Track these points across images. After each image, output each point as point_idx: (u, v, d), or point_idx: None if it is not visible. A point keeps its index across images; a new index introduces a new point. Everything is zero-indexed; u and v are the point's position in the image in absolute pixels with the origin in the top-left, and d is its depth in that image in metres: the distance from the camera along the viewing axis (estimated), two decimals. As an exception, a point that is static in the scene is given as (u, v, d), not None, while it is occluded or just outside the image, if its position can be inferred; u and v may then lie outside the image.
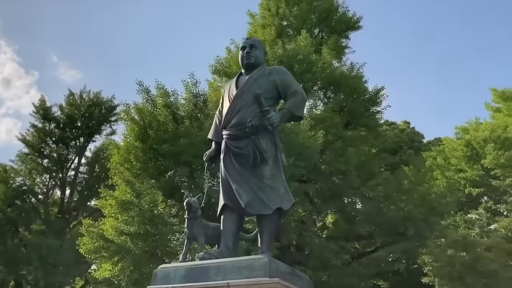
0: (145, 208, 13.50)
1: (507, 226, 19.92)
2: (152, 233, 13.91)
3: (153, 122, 14.82)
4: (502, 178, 21.69)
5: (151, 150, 14.85)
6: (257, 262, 5.29)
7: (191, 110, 15.54)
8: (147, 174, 14.58)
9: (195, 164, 14.26)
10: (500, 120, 24.50)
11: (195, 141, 14.24)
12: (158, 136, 14.49)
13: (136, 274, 14.11)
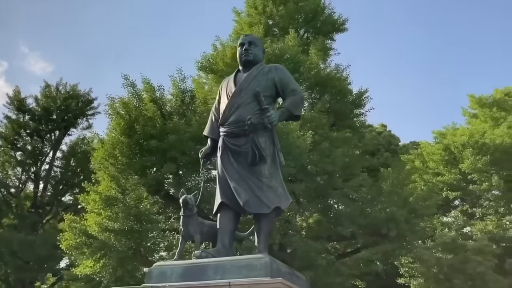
0: (130, 204, 13.25)
1: (483, 229, 20.46)
2: (136, 230, 13.67)
3: (140, 117, 14.56)
4: (479, 182, 22.25)
5: (137, 146, 14.61)
6: (258, 262, 5.23)
7: (179, 106, 15.33)
8: (132, 169, 14.33)
9: (182, 160, 14.11)
10: (476, 126, 25.08)
11: (183, 137, 14.10)
12: (146, 132, 14.26)
13: (119, 271, 13.85)
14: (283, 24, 21.55)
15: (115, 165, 14.41)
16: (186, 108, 15.43)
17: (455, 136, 23.48)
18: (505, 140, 22.08)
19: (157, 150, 14.30)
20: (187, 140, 14.02)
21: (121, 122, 14.70)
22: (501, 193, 21.76)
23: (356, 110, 20.12)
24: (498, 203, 21.58)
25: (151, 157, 14.32)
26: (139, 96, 15.86)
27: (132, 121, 14.65)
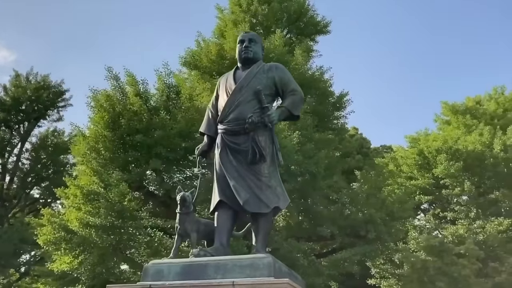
0: (114, 200, 12.94)
1: (454, 233, 21.03)
2: (118, 226, 13.38)
3: (125, 111, 14.25)
4: (451, 187, 22.86)
5: (121, 140, 14.30)
6: (261, 261, 5.17)
7: (164, 101, 15.10)
8: (115, 164, 14.01)
9: (169, 157, 13.91)
10: (448, 132, 25.72)
11: (170, 133, 13.90)
12: (131, 126, 13.97)
13: (99, 268, 13.53)
14: (266, 24, 21.54)
15: (97, 160, 14.05)
16: (171, 104, 15.20)
17: (428, 142, 24.06)
18: (477, 147, 22.75)
19: (142, 145, 14.05)
20: (174, 136, 13.83)
21: (105, 116, 14.35)
22: (472, 199, 22.41)
23: (336, 113, 20.34)
24: (469, 208, 22.22)
25: (136, 153, 14.04)
26: (122, 89, 15.55)
27: (117, 115, 14.33)
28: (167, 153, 13.83)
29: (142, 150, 14.03)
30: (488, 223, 20.50)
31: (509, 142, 22.69)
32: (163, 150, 13.72)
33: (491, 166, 22.36)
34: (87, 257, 13.57)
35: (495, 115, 25.67)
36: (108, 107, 14.61)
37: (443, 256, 13.46)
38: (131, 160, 14.11)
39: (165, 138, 13.72)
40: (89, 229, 13.19)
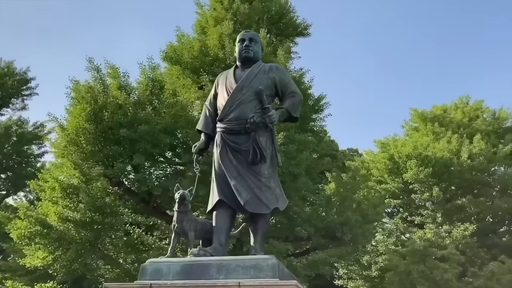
0: (96, 195, 12.57)
1: (422, 237, 21.68)
2: (98, 222, 13.02)
3: (108, 104, 13.86)
4: (420, 192, 23.54)
5: (103, 134, 13.90)
6: (265, 263, 5.15)
7: (148, 95, 14.78)
8: (97, 158, 13.61)
9: (153, 153, 13.65)
10: (416, 138, 26.41)
11: (155, 129, 13.63)
12: (115, 120, 13.59)
13: (76, 264, 13.13)
14: (248, 22, 21.46)
15: (78, 153, 13.61)
16: (155, 99, 14.91)
17: (397, 147, 24.70)
18: (445, 154, 23.50)
19: (125, 140, 13.70)
20: (158, 132, 13.57)
21: (86, 108, 13.91)
22: (439, 204, 23.13)
23: (314, 115, 20.50)
24: (436, 213, 22.93)
25: (118, 147, 13.68)
26: (103, 81, 15.12)
27: (99, 107, 13.92)
28: (151, 149, 13.54)
29: (125, 144, 13.68)
30: (455, 228, 21.23)
31: (475, 150, 23.54)
32: (148, 145, 13.42)
33: (458, 173, 23.17)
34: (63, 252, 13.13)
35: (461, 124, 26.57)
36: (90, 99, 14.16)
37: (426, 260, 13.85)
38: (112, 154, 13.73)
39: (150, 134, 13.43)
40: (68, 224, 12.77)
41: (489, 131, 25.61)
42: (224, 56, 17.60)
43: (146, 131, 13.27)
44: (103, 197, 12.67)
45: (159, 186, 13.72)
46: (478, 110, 28.02)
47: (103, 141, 13.95)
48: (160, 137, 13.68)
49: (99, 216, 12.97)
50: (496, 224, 23.45)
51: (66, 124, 14.48)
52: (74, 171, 13.24)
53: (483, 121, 26.81)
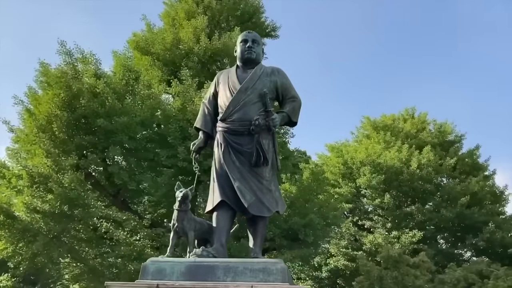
0: (69, 186, 11.92)
1: (373, 241, 22.52)
2: (68, 215, 12.37)
3: (84, 92, 13.19)
4: (371, 198, 24.41)
5: (76, 122, 13.22)
6: (274, 266, 5.20)
7: (124, 85, 14.24)
8: (70, 147, 12.92)
9: (129, 145, 13.17)
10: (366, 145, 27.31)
11: (133, 121, 13.16)
12: (91, 108, 12.96)
13: (41, 257, 12.40)
14: (217, 19, 21.27)
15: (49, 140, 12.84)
16: (130, 89, 14.39)
17: (349, 152, 25.50)
18: (396, 163, 24.53)
19: (100, 130, 13.12)
20: (136, 124, 13.13)
21: (60, 94, 13.15)
22: (389, 210, 24.11)
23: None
24: (386, 218, 23.88)
25: (93, 137, 13.06)
26: (74, 66, 14.38)
27: (74, 94, 13.20)
28: (128, 142, 13.07)
29: (100, 135, 13.09)
30: (403, 234, 22.23)
31: (424, 161, 24.75)
32: (125, 137, 12.94)
33: (407, 181, 24.27)
34: (25, 244, 12.36)
35: (409, 135, 27.81)
36: (63, 85, 13.40)
37: (400, 267, 14.41)
38: (85, 144, 13.09)
39: (128, 125, 12.95)
40: (36, 215, 12.03)
41: (434, 143, 26.98)
42: (199, 51, 17.33)
43: (125, 123, 12.78)
44: (77, 189, 12.04)
45: (133, 180, 13.28)
46: (424, 123, 29.43)
47: (76, 130, 13.28)
48: (137, 129, 13.25)
49: (69, 208, 12.35)
50: (440, 232, 24.80)
51: (34, 109, 13.65)
52: (45, 160, 12.47)
53: (429, 133, 28.23)
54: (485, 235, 22.49)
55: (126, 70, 14.64)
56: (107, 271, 13.49)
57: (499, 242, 22.27)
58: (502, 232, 22.91)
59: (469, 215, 23.18)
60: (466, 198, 23.09)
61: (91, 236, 13.39)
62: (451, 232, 24.55)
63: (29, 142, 12.96)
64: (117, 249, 13.07)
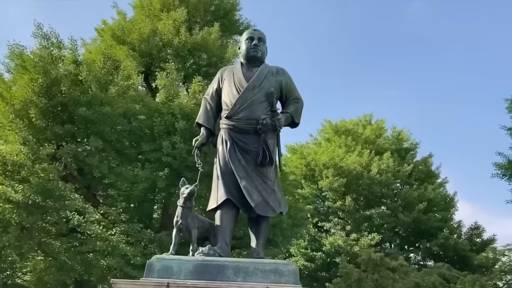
0: (47, 176, 11.32)
1: (333, 243, 22.99)
2: (41, 206, 11.77)
3: (64, 78, 12.58)
4: (332, 200, 24.91)
5: (54, 110, 12.59)
6: (285, 268, 5.25)
7: (104, 74, 13.71)
8: (47, 136, 12.29)
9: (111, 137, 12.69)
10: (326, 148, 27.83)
11: (115, 112, 12.70)
12: (72, 96, 12.38)
13: (10, 250, 11.71)
14: (193, 12, 20.98)
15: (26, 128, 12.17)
16: (111, 79, 13.88)
17: (310, 155, 25.93)
18: (356, 167, 25.17)
19: (79, 119, 12.56)
20: (119, 116, 12.68)
21: (38, 79, 12.48)
22: (349, 213, 24.69)
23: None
24: (346, 221, 24.44)
25: (72, 126, 12.48)
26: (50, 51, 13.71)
27: (53, 80, 12.56)
28: (109, 133, 12.60)
29: (80, 125, 12.53)
30: (362, 237, 22.85)
31: (383, 166, 25.55)
32: (106, 128, 12.46)
33: (367, 186, 24.95)
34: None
35: (369, 141, 28.60)
36: (40, 70, 12.72)
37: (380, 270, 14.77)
38: (64, 134, 12.50)
39: (110, 116, 12.48)
40: (8, 205, 11.35)
41: (392, 149, 27.90)
42: (178, 44, 16.99)
43: (108, 113, 12.30)
44: (55, 179, 11.47)
45: (112, 173, 12.82)
46: (382, 129, 30.38)
47: (53, 117, 12.64)
48: (118, 121, 12.80)
49: (43, 199, 11.75)
50: (397, 236, 25.69)
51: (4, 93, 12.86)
52: (21, 147, 11.78)
53: (387, 139, 29.18)
54: (439, 240, 23.50)
55: (106, 58, 14.12)
56: (79, 266, 12.98)
57: (452, 247, 23.36)
58: (455, 238, 24.06)
59: (424, 220, 24.15)
60: (423, 204, 24.03)
61: (62, 229, 12.82)
62: (407, 237, 25.48)
63: (3, 127, 12.21)
64: (92, 244, 12.61)
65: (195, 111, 13.07)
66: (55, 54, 13.68)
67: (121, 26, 17.53)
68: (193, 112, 12.73)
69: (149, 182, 12.63)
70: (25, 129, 11.99)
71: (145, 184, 12.78)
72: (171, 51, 17.08)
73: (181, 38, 16.98)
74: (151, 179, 12.66)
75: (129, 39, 17.19)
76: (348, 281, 14.64)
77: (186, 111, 12.87)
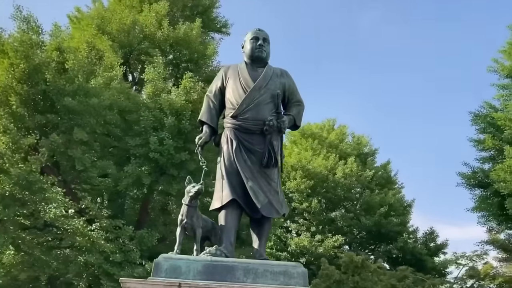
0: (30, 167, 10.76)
1: (298, 243, 23.26)
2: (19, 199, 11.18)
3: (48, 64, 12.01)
4: (298, 201, 25.17)
5: (36, 98, 12.01)
6: (294, 270, 5.31)
7: (86, 64, 13.19)
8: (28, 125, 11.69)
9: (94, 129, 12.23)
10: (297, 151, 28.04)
11: (102, 104, 12.26)
12: (57, 85, 11.84)
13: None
14: (172, 7, 20.64)
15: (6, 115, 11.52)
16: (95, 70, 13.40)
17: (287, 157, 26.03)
18: (322, 170, 25.59)
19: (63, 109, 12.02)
20: (104, 108, 12.25)
21: (19, 64, 11.85)
22: (315, 215, 25.04)
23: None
24: (311, 222, 24.78)
25: (55, 116, 11.94)
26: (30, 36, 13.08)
27: (36, 67, 11.97)
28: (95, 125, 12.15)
29: (64, 115, 12.01)
30: (327, 239, 23.26)
31: (347, 170, 26.11)
32: (93, 120, 12.01)
33: (332, 189, 25.42)
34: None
35: (333, 145, 29.12)
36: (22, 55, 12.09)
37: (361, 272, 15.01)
38: (46, 124, 11.94)
39: (97, 108, 12.04)
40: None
41: (353, 154, 28.56)
42: (161, 37, 16.64)
43: (95, 104, 11.86)
44: (37, 171, 10.94)
45: (93, 166, 12.37)
46: (344, 134, 31.04)
47: (34, 106, 12.06)
48: (104, 113, 12.38)
49: (21, 191, 11.18)
50: (360, 238, 26.32)
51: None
52: (1, 136, 11.13)
53: (349, 144, 29.86)
54: (399, 244, 24.31)
55: (90, 47, 13.61)
56: (54, 262, 12.45)
57: (410, 251, 24.24)
58: (413, 242, 25.00)
59: (385, 224, 24.89)
60: (384, 208, 24.76)
61: (38, 223, 12.25)
62: (368, 239, 26.16)
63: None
64: (71, 239, 12.13)
65: (185, 107, 12.93)
66: (35, 40, 13.07)
67: (101, 16, 16.98)
68: (183, 109, 12.52)
69: (134, 177, 12.30)
70: (6, 116, 11.35)
71: (130, 180, 12.43)
72: (151, 44, 16.73)
73: (164, 31, 16.66)
74: (135, 175, 12.33)
75: (109, 29, 16.69)
76: (327, 282, 14.86)
77: (176, 107, 12.62)
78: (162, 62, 14.61)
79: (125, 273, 12.34)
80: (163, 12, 17.65)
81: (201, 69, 17.88)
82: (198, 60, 17.25)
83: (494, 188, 17.03)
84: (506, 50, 19.37)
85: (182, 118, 12.48)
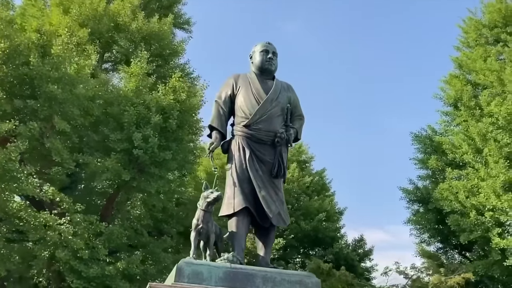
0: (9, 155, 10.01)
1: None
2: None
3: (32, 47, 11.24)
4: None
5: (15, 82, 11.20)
6: (309, 280, 5.68)
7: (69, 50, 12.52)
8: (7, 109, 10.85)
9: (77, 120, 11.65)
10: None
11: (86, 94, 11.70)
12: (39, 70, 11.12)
13: None
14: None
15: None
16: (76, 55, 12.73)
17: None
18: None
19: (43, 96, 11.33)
20: (89, 99, 11.71)
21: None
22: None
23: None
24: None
25: (35, 102, 11.22)
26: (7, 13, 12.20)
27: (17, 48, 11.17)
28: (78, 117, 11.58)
29: (45, 102, 11.32)
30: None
31: (289, 175, 26.87)
32: (75, 110, 11.43)
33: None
34: None
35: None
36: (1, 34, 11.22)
37: (326, 280, 15.37)
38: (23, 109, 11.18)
39: (80, 97, 11.48)
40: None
41: (293, 160, 29.37)
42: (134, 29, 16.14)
43: (79, 94, 11.30)
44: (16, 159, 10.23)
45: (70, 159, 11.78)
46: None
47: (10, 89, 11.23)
48: (86, 104, 11.83)
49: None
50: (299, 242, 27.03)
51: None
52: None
53: (291, 150, 30.65)
54: (334, 249, 25.41)
55: (70, 33, 12.92)
56: (17, 256, 11.69)
57: (344, 257, 25.42)
58: (346, 248, 26.25)
59: (322, 230, 25.89)
60: (323, 214, 25.75)
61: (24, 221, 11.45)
62: (306, 244, 26.98)
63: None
64: (39, 233, 11.46)
65: (172, 106, 12.72)
66: (8, 17, 12.18)
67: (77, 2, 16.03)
68: (170, 108, 12.32)
69: (113, 172, 11.88)
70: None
71: (109, 175, 11.99)
72: (123, 34, 16.20)
73: (139, 23, 16.19)
74: (115, 170, 11.92)
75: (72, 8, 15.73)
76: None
77: (163, 105, 12.38)
78: (147, 57, 14.21)
79: (94, 271, 11.96)
80: (136, 3, 17.15)
81: (167, 65, 17.64)
82: (170, 57, 16.96)
83: (434, 205, 18.60)
84: (447, 80, 21.18)
85: (169, 116, 12.28)
